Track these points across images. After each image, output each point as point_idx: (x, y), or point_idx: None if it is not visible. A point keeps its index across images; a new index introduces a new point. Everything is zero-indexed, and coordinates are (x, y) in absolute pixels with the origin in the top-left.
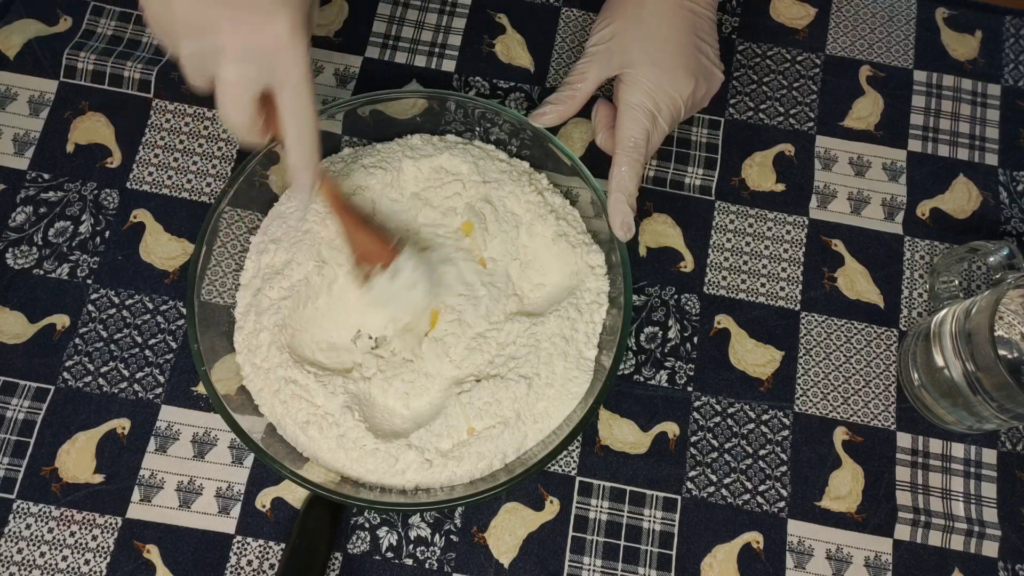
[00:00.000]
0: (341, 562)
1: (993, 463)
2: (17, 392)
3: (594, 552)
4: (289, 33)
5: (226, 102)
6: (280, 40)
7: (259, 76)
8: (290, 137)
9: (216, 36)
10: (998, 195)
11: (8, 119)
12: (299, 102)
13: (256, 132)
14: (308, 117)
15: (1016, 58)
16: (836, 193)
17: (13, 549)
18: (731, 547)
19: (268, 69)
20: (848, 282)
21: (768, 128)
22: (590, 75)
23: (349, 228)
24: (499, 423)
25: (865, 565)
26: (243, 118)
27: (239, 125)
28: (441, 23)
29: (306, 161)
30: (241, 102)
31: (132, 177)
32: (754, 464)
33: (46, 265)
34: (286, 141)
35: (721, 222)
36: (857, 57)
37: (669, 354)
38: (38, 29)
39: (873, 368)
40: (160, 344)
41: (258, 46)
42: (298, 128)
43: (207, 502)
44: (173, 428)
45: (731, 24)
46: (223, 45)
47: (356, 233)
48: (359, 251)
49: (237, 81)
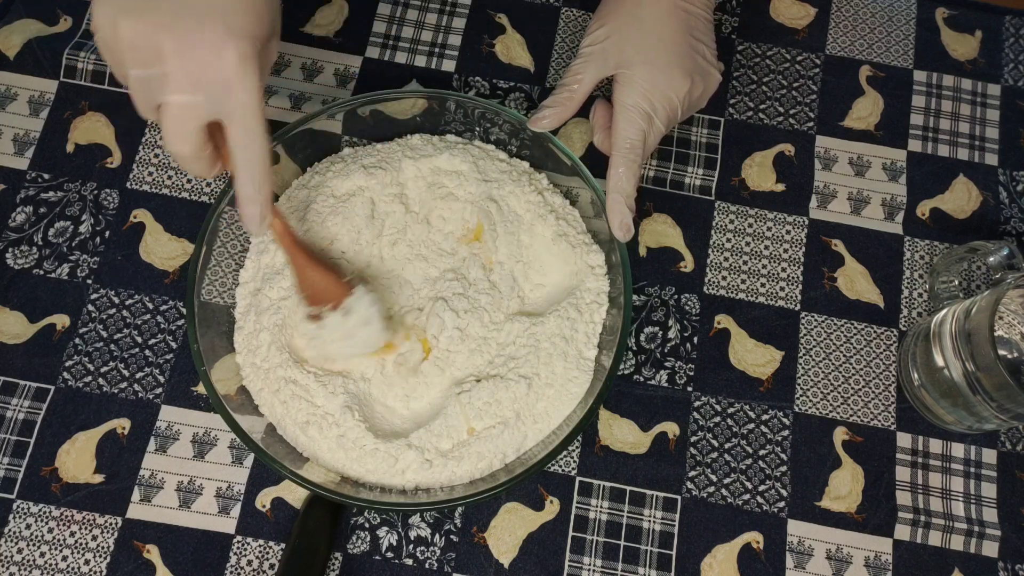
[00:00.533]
0: (341, 562)
1: (993, 463)
2: (17, 392)
3: (594, 552)
4: (238, 64)
5: (170, 131)
6: (228, 72)
7: (207, 106)
8: (239, 169)
9: (162, 64)
10: (998, 195)
11: (8, 119)
12: (248, 135)
13: (203, 162)
14: (257, 150)
15: (1016, 58)
16: (836, 193)
17: (13, 549)
18: (731, 547)
19: (216, 100)
20: (848, 282)
21: (768, 128)
22: (586, 76)
23: (300, 266)
24: (499, 423)
25: (865, 565)
26: (187, 148)
27: (183, 155)
28: (441, 23)
29: (254, 194)
30: (185, 131)
31: (132, 177)
32: (754, 464)
33: (46, 265)
34: (235, 173)
35: (721, 222)
36: (857, 57)
37: (669, 354)
38: (38, 29)
39: (873, 368)
40: (160, 344)
41: (205, 77)
42: (247, 160)
43: (207, 502)
44: (173, 428)
45: (731, 24)
46: (169, 73)
47: (307, 271)
48: (309, 290)
49: (182, 110)
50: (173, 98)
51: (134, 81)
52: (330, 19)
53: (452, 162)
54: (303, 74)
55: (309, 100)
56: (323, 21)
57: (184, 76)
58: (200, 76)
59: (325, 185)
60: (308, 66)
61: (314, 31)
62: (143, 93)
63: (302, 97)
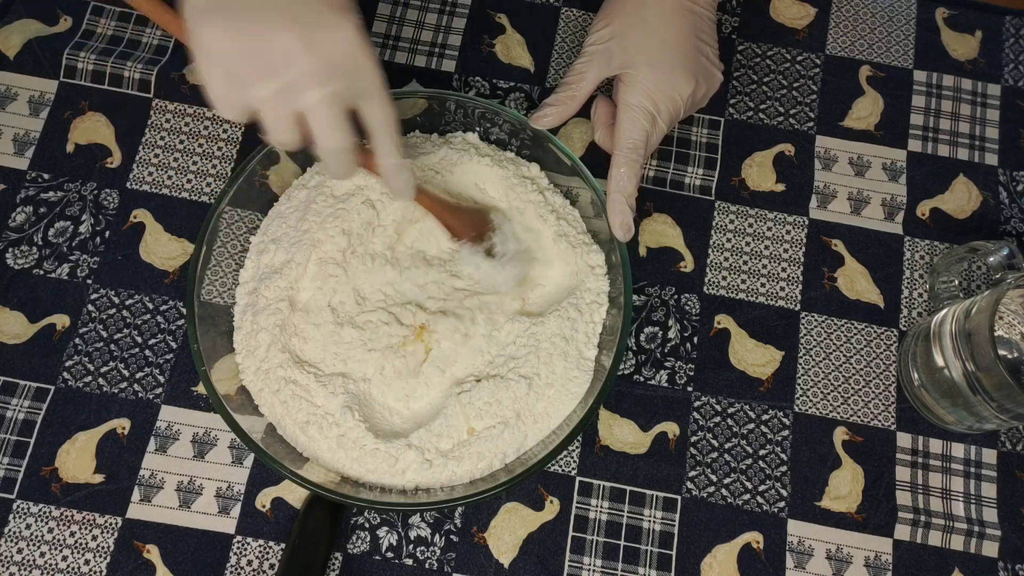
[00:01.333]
0: (341, 562)
1: (993, 463)
2: (17, 392)
3: (594, 552)
4: (359, 39)
5: (324, 129)
6: (354, 48)
7: (345, 91)
8: (383, 143)
9: (294, 65)
10: (998, 195)
11: (8, 119)
12: (384, 107)
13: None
14: (394, 120)
15: (1016, 58)
16: (836, 193)
17: (13, 549)
18: (731, 547)
19: (351, 81)
20: (848, 282)
21: (768, 128)
22: (589, 76)
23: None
24: (499, 423)
25: (865, 565)
26: (347, 138)
27: (345, 147)
28: (441, 23)
29: (401, 162)
30: (339, 123)
31: (132, 177)
32: (754, 464)
33: (46, 265)
34: (378, 147)
35: (721, 222)
36: (857, 57)
37: (669, 354)
38: (38, 29)
39: (873, 368)
40: (160, 344)
41: (337, 61)
42: (389, 133)
43: (207, 502)
44: (173, 428)
45: (731, 24)
46: (304, 71)
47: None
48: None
49: (330, 103)
50: (317, 93)
51: (267, 98)
52: None
53: (452, 158)
54: None
55: None
56: None
57: (321, 68)
58: (333, 62)
59: (325, 185)
60: None
61: None
62: (280, 106)
63: None
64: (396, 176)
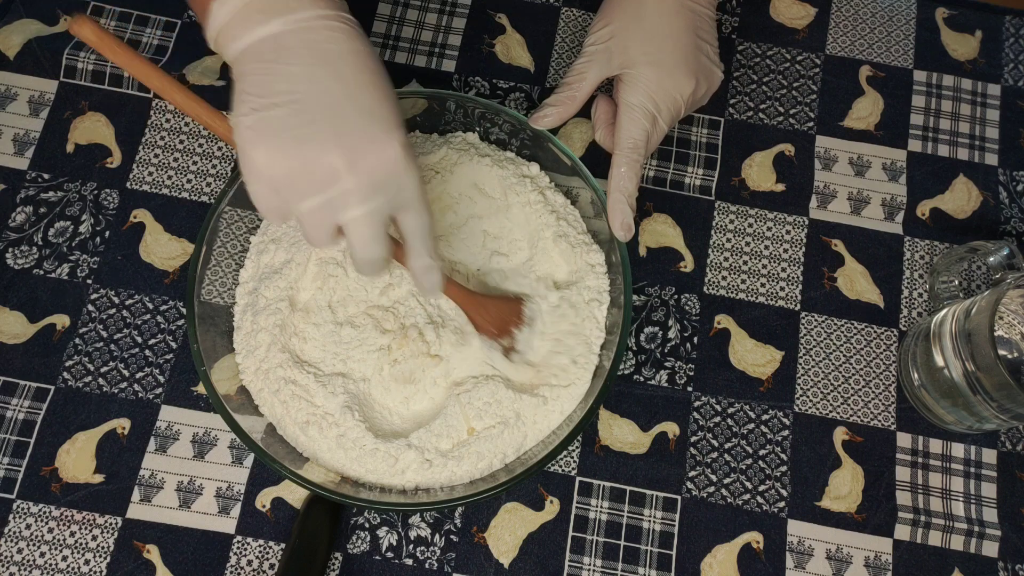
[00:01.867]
0: (341, 562)
1: (993, 463)
2: (17, 392)
3: (594, 552)
4: (404, 157)
5: (363, 242)
6: (399, 167)
7: (387, 206)
8: (415, 248)
9: (340, 182)
10: (998, 195)
11: (8, 119)
12: (421, 218)
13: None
14: (429, 226)
15: (1016, 58)
16: (836, 193)
17: (13, 549)
18: (731, 547)
19: (392, 196)
20: (848, 282)
21: (768, 128)
22: (589, 75)
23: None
24: (499, 423)
25: (865, 565)
26: (384, 250)
27: (381, 258)
28: (441, 23)
29: (431, 263)
30: (378, 236)
31: (132, 177)
32: (754, 464)
33: (46, 265)
34: (410, 250)
35: (721, 222)
36: (857, 57)
37: (669, 354)
38: (38, 29)
39: (873, 368)
40: (160, 344)
41: (381, 179)
42: (423, 239)
43: (207, 502)
44: (173, 428)
45: (731, 24)
46: (349, 188)
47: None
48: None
49: (371, 218)
50: (358, 211)
51: (311, 211)
52: None
53: (452, 157)
54: None
55: None
56: None
57: (365, 184)
58: (376, 180)
59: None
60: None
61: None
62: (322, 218)
63: None
64: (425, 276)
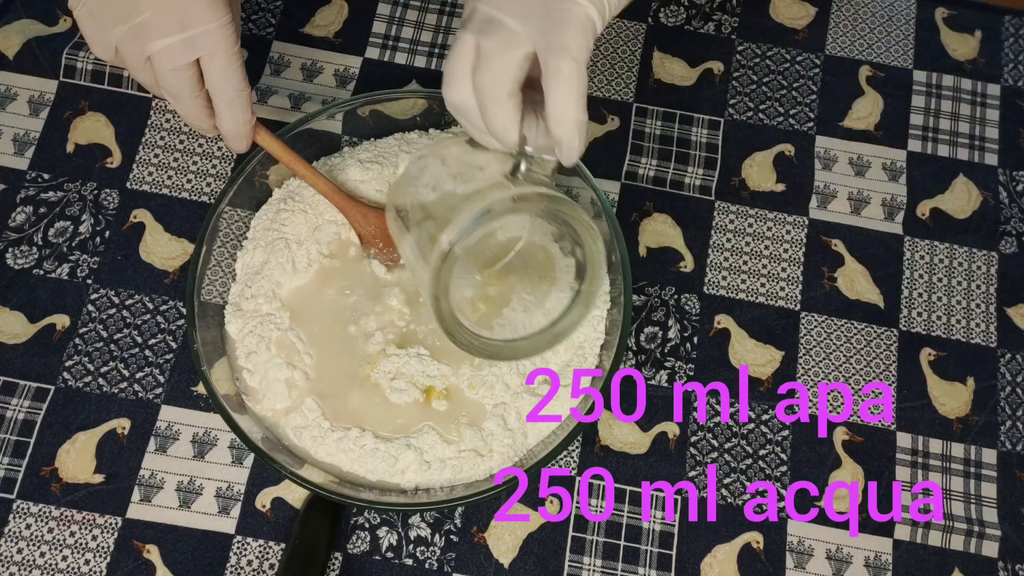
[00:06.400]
0: (341, 562)
1: (993, 463)
2: (17, 392)
3: (594, 552)
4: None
5: (163, 73)
6: (200, 7)
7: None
8: (222, 104)
9: (140, 11)
10: (998, 195)
11: (8, 119)
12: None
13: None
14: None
15: (1016, 58)
16: (836, 193)
17: (13, 549)
18: (731, 547)
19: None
20: (848, 282)
21: (768, 128)
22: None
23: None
24: (499, 423)
25: (865, 565)
26: (182, 85)
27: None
28: (441, 23)
29: (238, 128)
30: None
31: (132, 177)
32: (754, 464)
33: (46, 265)
34: (217, 108)
35: (721, 222)
36: (857, 57)
37: (669, 354)
38: (38, 29)
39: (873, 368)
40: (160, 344)
41: (181, 16)
42: (227, 94)
43: (207, 502)
44: (173, 428)
45: (731, 24)
46: (149, 20)
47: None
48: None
49: (168, 51)
50: (158, 43)
51: (122, 41)
52: (330, 20)
53: None
54: (303, 74)
55: (309, 100)
56: (323, 22)
57: (163, 19)
58: (176, 16)
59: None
60: (308, 67)
61: (314, 32)
62: (132, 49)
63: (302, 97)
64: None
